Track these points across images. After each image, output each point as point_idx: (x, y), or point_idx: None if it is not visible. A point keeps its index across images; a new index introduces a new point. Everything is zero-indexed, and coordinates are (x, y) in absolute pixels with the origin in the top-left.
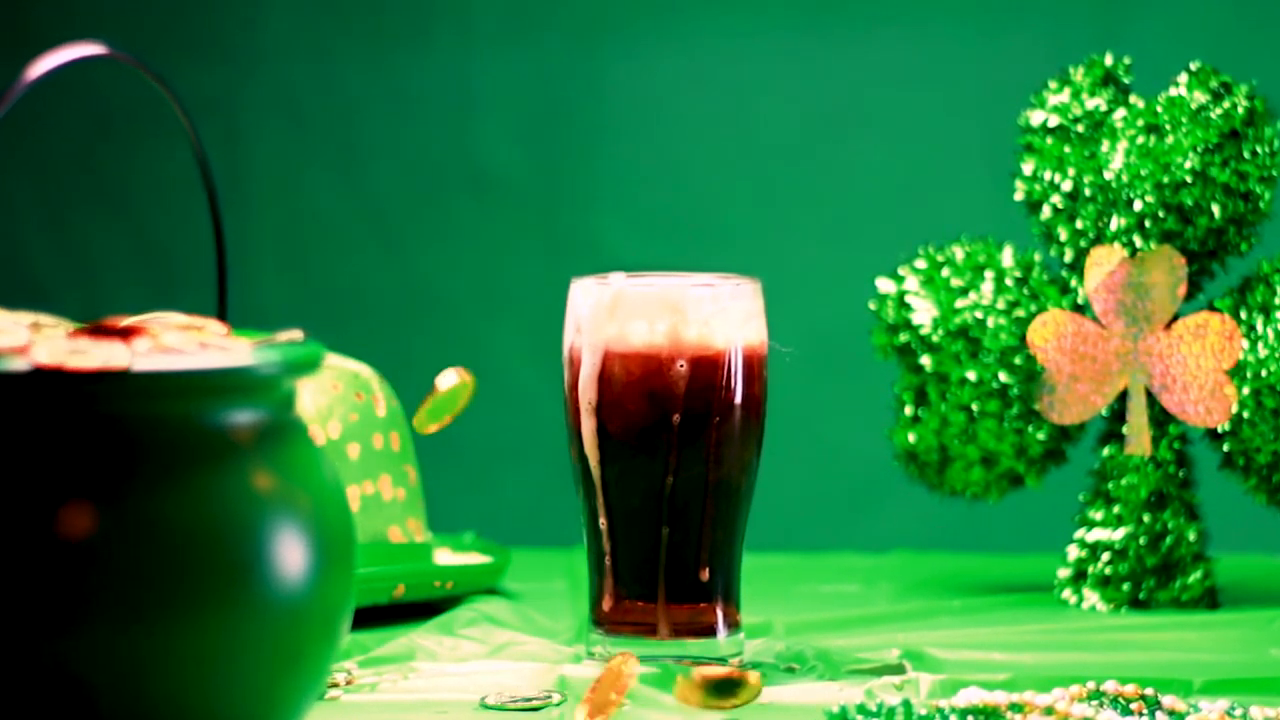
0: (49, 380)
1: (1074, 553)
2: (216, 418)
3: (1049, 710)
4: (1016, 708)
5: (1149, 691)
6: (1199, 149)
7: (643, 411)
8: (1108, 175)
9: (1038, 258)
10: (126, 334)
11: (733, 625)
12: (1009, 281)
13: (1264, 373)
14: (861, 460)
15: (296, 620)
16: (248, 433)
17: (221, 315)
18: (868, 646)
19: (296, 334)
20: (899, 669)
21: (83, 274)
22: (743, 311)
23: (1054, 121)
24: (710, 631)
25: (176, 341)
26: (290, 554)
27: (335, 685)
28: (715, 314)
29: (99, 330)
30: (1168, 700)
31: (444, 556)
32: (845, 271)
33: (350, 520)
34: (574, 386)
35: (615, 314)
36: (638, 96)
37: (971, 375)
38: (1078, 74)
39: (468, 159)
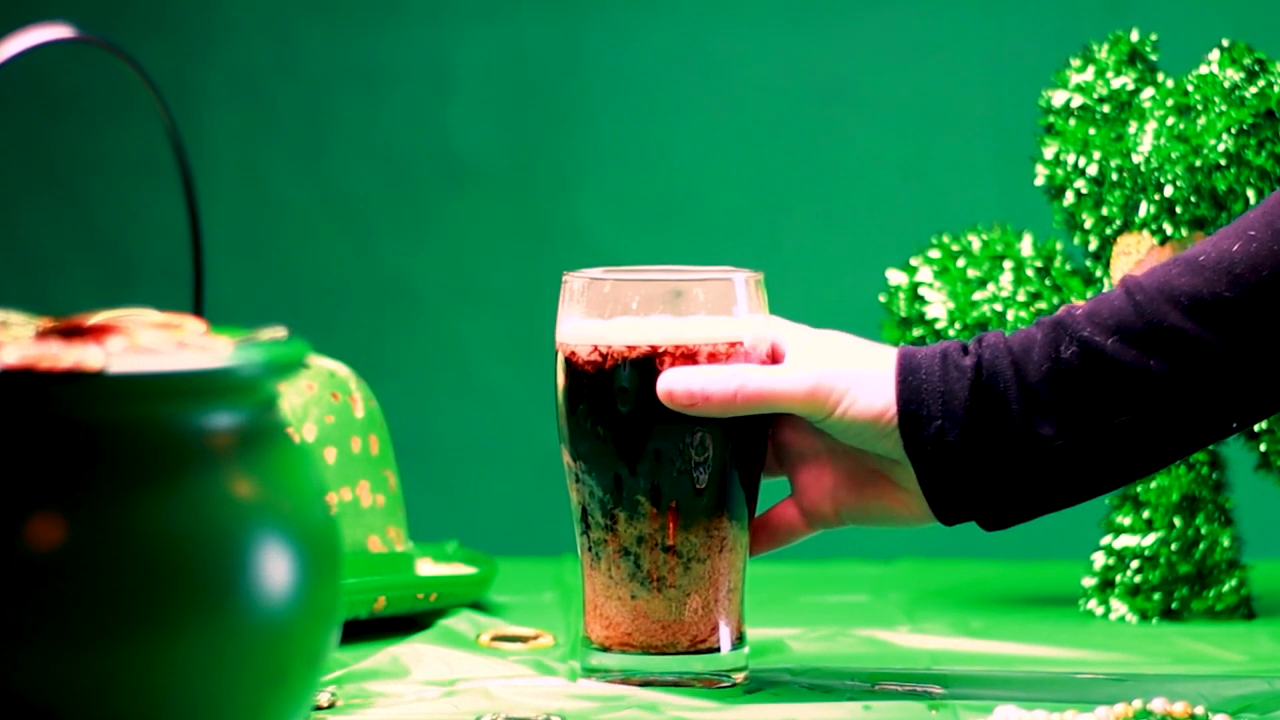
0: (17, 382)
1: (1100, 560)
2: (195, 422)
3: None
4: None
5: (1199, 710)
6: (1232, 130)
7: (639, 412)
8: (1136, 158)
9: (1060, 247)
10: (100, 333)
11: (737, 638)
12: (1029, 272)
13: None
14: None
15: (279, 637)
16: (228, 438)
17: (198, 312)
18: (888, 661)
19: (279, 331)
20: (932, 692)
21: (27, 264)
22: (745, 306)
23: (1077, 102)
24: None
25: (153, 341)
26: (273, 567)
27: (320, 707)
28: (717, 309)
29: (70, 329)
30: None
31: (426, 567)
32: (849, 262)
33: (336, 530)
34: (570, 386)
35: (610, 309)
36: (621, 75)
37: None
38: (1101, 51)
39: (441, 143)
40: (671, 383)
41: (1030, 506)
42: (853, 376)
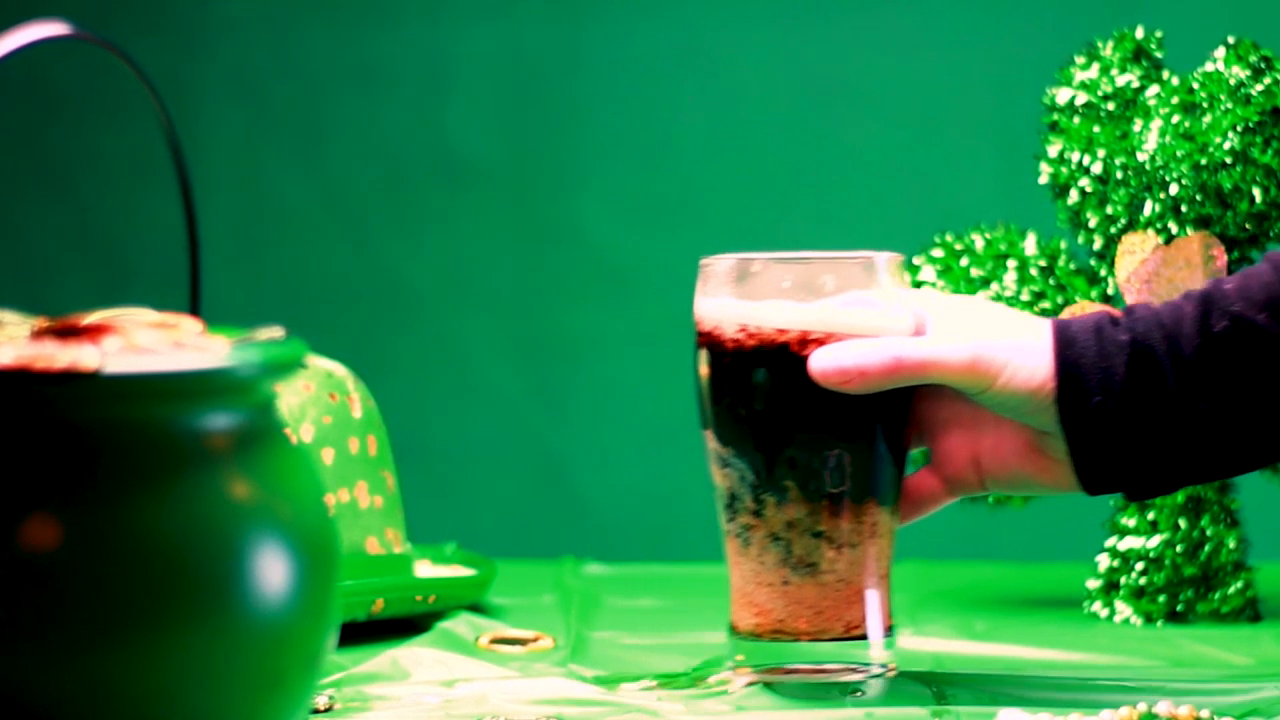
0: (12, 383)
1: (1105, 562)
2: (192, 422)
3: None
4: None
5: (1204, 713)
6: (1238, 128)
7: (789, 394)
8: (1141, 156)
9: (1064, 245)
10: (95, 333)
11: (887, 628)
12: (1033, 271)
13: None
14: None
15: (277, 640)
16: (225, 438)
17: (194, 311)
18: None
19: (277, 331)
20: (936, 693)
21: (23, 263)
22: (889, 286)
23: (1082, 99)
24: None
25: (149, 341)
26: (270, 568)
27: (318, 710)
28: (864, 289)
29: (66, 329)
30: None
31: (425, 569)
32: None
33: (334, 532)
34: (716, 369)
35: (757, 290)
36: (621, 74)
37: None
38: (1106, 48)
39: (440, 142)
40: (824, 361)
41: (1178, 478)
42: (1011, 348)
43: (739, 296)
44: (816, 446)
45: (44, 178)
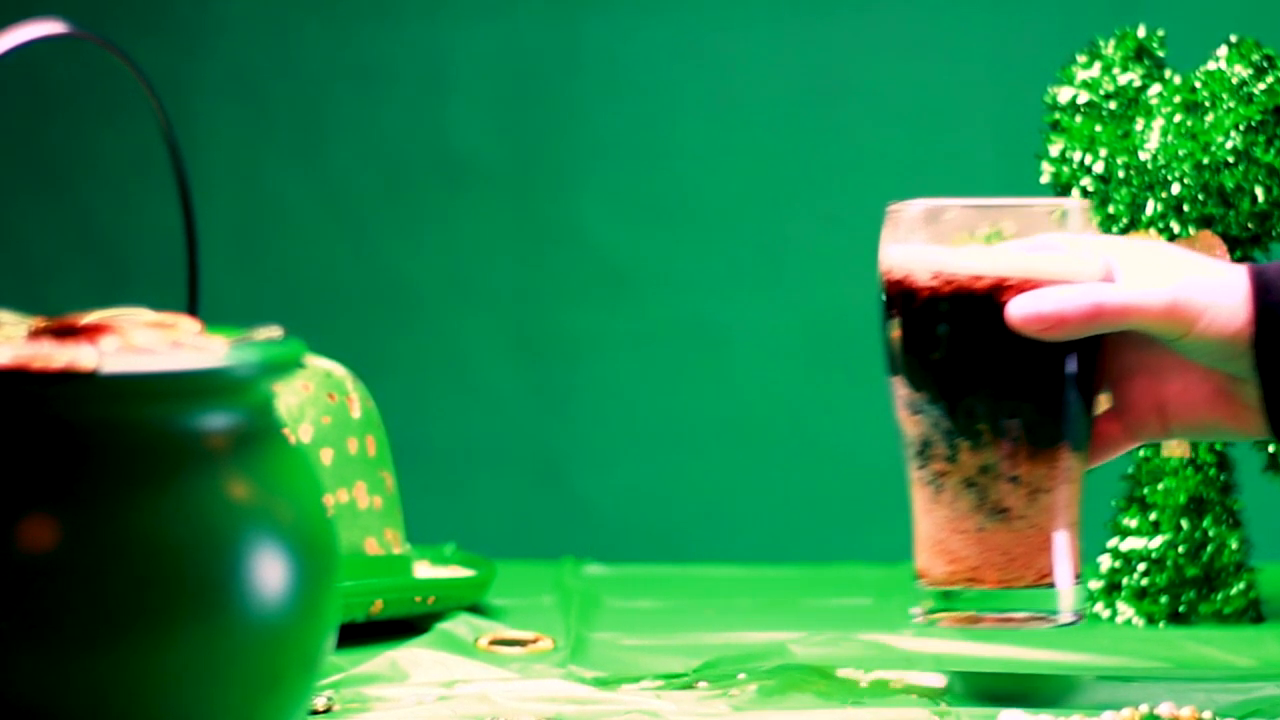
0: (10, 382)
1: (1106, 563)
2: (190, 422)
3: None
4: None
5: (1206, 714)
6: (1241, 127)
7: (984, 339)
8: (1143, 156)
9: None
10: (93, 332)
11: (1077, 575)
12: None
13: None
14: (871, 465)
15: (275, 641)
16: (224, 438)
17: (193, 311)
18: (892, 665)
19: (275, 331)
20: (938, 694)
21: (21, 263)
22: (1082, 232)
23: (1083, 98)
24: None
25: (147, 340)
26: (268, 569)
27: (317, 711)
28: (1054, 237)
29: (64, 329)
30: None
31: (424, 570)
32: (851, 259)
33: (333, 533)
34: (908, 316)
35: (950, 236)
36: (621, 73)
37: None
38: (1108, 47)
39: (439, 141)
40: (1024, 308)
41: None
42: (1209, 292)
43: (929, 242)
44: (1010, 392)
45: (42, 177)
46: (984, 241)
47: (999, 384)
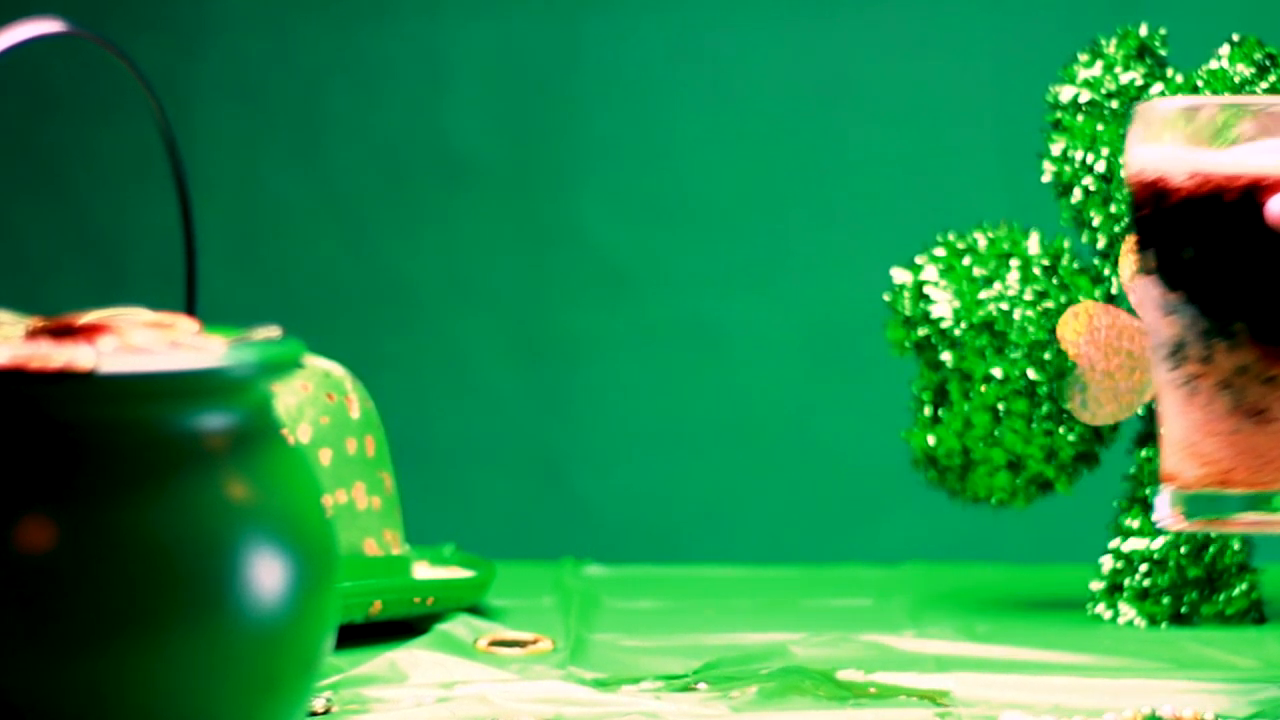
0: (7, 382)
1: (1108, 564)
2: (188, 423)
3: None
4: None
5: (1208, 716)
6: None
7: (1243, 238)
8: None
9: (1067, 245)
10: (91, 332)
11: None
12: (1036, 271)
13: None
14: (872, 465)
15: (273, 642)
16: (221, 439)
17: (191, 311)
18: (893, 667)
19: (274, 331)
20: (940, 695)
21: (18, 263)
22: None
23: (1085, 97)
24: None
25: (145, 340)
26: (267, 570)
27: (315, 713)
28: None
29: (61, 328)
30: None
31: (423, 570)
32: (852, 260)
33: (332, 533)
34: (1161, 216)
35: (1206, 135)
36: (620, 71)
37: (997, 372)
38: (1109, 46)
39: (438, 140)
40: None
41: None
42: None
43: (1181, 141)
44: (1269, 291)
45: (39, 176)
46: (1233, 141)
47: (1258, 283)
